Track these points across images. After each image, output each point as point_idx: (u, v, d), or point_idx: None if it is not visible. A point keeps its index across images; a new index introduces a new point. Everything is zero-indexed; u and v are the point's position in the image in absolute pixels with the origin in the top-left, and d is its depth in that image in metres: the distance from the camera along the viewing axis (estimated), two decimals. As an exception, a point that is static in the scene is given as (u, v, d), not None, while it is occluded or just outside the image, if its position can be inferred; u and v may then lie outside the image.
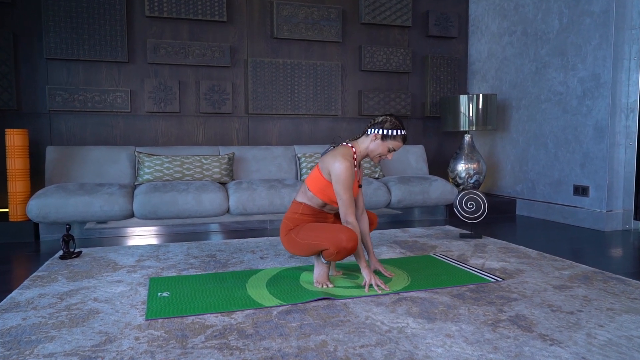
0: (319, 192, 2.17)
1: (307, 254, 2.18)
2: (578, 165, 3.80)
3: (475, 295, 2.07)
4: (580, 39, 3.74)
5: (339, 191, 2.09)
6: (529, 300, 1.99)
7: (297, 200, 2.24)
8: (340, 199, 2.09)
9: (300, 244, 2.14)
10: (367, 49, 4.68)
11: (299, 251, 2.18)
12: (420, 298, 2.03)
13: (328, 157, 2.13)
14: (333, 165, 2.09)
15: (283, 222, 2.25)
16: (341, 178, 2.07)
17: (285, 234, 2.22)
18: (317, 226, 2.13)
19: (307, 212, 2.21)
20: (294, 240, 2.17)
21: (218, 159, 3.86)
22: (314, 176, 2.20)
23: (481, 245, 3.06)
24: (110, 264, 2.62)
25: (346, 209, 2.09)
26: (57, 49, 3.87)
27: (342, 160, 2.08)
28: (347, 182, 2.08)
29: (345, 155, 2.12)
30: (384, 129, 2.16)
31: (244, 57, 4.39)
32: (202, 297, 2.03)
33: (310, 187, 2.20)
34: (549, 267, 2.51)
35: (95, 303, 1.98)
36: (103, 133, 4.08)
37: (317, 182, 2.17)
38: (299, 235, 2.15)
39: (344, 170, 2.07)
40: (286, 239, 2.21)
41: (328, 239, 2.04)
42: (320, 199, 2.19)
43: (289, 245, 2.21)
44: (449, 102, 4.49)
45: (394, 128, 2.16)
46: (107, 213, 3.26)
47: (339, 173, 2.07)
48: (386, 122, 2.17)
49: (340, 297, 2.03)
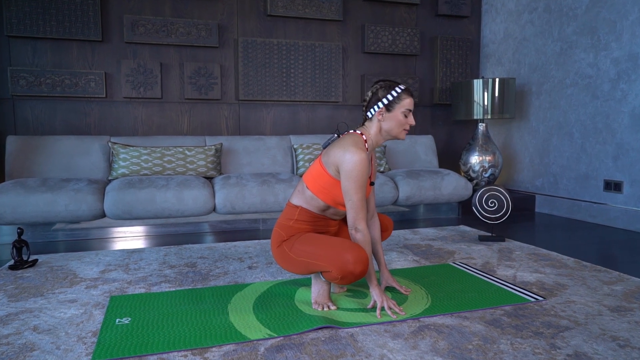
0: (321, 191, 1.74)
1: (303, 273, 1.75)
2: (610, 158, 3.37)
3: (515, 321, 1.65)
4: (615, 14, 3.29)
5: (349, 190, 1.66)
6: (585, 330, 1.57)
7: (292, 203, 1.81)
8: (350, 199, 1.66)
9: (294, 260, 1.72)
10: (370, 28, 4.22)
11: (293, 268, 1.75)
12: (447, 326, 1.61)
13: (335, 149, 1.70)
14: (343, 157, 1.65)
15: (275, 230, 1.82)
16: (353, 173, 1.64)
17: (277, 245, 1.79)
18: (316, 239, 1.70)
19: (304, 218, 1.78)
20: (286, 255, 1.74)
21: (204, 151, 3.41)
22: (314, 172, 1.76)
23: (506, 251, 2.64)
24: (68, 276, 2.19)
25: (356, 212, 1.66)
26: (19, 25, 3.40)
27: (354, 151, 1.65)
28: (361, 178, 1.65)
29: (357, 145, 1.68)
30: (382, 99, 1.73)
31: (233, 37, 3.93)
32: (171, 326, 1.60)
33: (309, 186, 1.76)
34: (595, 281, 2.09)
35: (33, 335, 1.55)
36: (75, 121, 3.62)
37: (319, 179, 1.74)
38: (294, 250, 1.72)
39: (357, 163, 1.63)
40: (278, 252, 1.79)
41: (330, 259, 1.60)
42: (322, 201, 1.75)
43: (281, 260, 1.78)
44: (462, 87, 4.04)
45: (390, 90, 1.73)
46: (73, 213, 2.82)
47: (351, 167, 1.64)
48: (378, 91, 1.75)
49: (345, 325, 1.60)
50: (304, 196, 1.78)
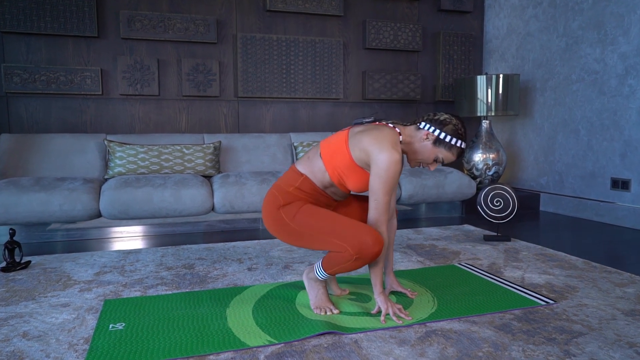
0: (334, 169, 1.64)
1: (299, 245, 1.66)
2: (617, 155, 3.30)
3: (525, 326, 1.58)
4: (622, 8, 3.22)
5: (377, 190, 1.55)
6: (600, 335, 1.50)
7: (297, 169, 1.71)
8: (376, 199, 1.56)
9: (293, 230, 1.63)
10: (372, 24, 4.14)
11: (289, 238, 1.66)
12: (455, 331, 1.54)
13: (371, 139, 1.57)
14: (378, 154, 1.54)
15: (271, 192, 1.71)
16: (386, 175, 1.53)
17: (274, 209, 1.67)
18: (326, 215, 1.60)
19: (305, 188, 1.68)
20: (283, 223, 1.64)
21: (202, 149, 3.34)
22: (334, 146, 1.65)
23: (513, 251, 2.57)
24: (61, 279, 2.12)
25: (380, 215, 1.57)
26: (13, 21, 3.32)
27: (391, 151, 1.53)
28: (392, 181, 1.55)
29: (395, 145, 1.57)
30: (443, 132, 1.61)
31: (232, 32, 3.85)
32: (166, 332, 1.53)
33: (324, 157, 1.65)
34: (606, 282, 2.02)
35: (23, 341, 1.48)
36: (70, 119, 3.55)
37: (338, 156, 1.62)
38: (296, 220, 1.62)
39: (392, 164, 1.53)
40: (273, 218, 1.67)
41: (346, 238, 1.53)
42: (329, 177, 1.66)
43: (275, 226, 1.68)
44: (465, 84, 3.97)
45: (455, 136, 1.62)
46: (68, 213, 2.74)
47: (384, 167, 1.53)
48: (449, 125, 1.62)
49: (349, 330, 1.53)
50: (311, 165, 1.68)
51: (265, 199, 1.73)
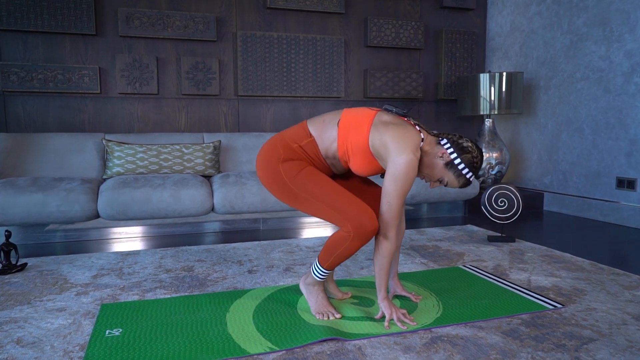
0: (344, 142, 1.57)
1: (295, 207, 1.61)
2: (623, 155, 3.25)
3: (534, 331, 1.53)
4: (628, 5, 3.16)
5: (392, 192, 1.49)
6: (610, 341, 1.46)
7: (308, 129, 1.63)
8: (389, 202, 1.50)
9: (292, 191, 1.57)
10: (373, 21, 4.09)
11: (284, 197, 1.60)
12: (461, 338, 1.50)
13: (395, 136, 1.50)
14: (398, 156, 1.48)
15: (272, 143, 1.63)
16: (403, 178, 1.48)
17: (273, 162, 1.59)
18: (329, 184, 1.55)
19: (308, 150, 1.62)
20: (282, 182, 1.58)
21: (202, 148, 3.29)
22: (356, 122, 1.57)
23: (518, 252, 2.53)
24: (58, 282, 2.08)
25: (391, 218, 1.51)
26: (10, 18, 3.27)
27: (411, 155, 1.48)
28: (407, 185, 1.50)
29: (416, 150, 1.51)
30: (459, 158, 1.54)
31: (232, 30, 3.80)
32: (164, 338, 1.49)
33: (341, 127, 1.58)
34: (614, 285, 1.98)
35: (17, 348, 1.44)
36: (68, 118, 3.50)
37: (355, 133, 1.55)
38: (296, 181, 1.56)
39: (410, 169, 1.47)
40: (271, 172, 1.60)
41: (347, 212, 1.50)
42: (336, 148, 1.60)
43: (271, 181, 1.61)
44: (467, 82, 3.92)
45: (469, 167, 1.55)
46: (65, 214, 2.70)
47: (402, 170, 1.47)
48: (468, 154, 1.55)
49: (352, 336, 1.49)
50: (323, 130, 1.61)
51: (264, 148, 1.64)
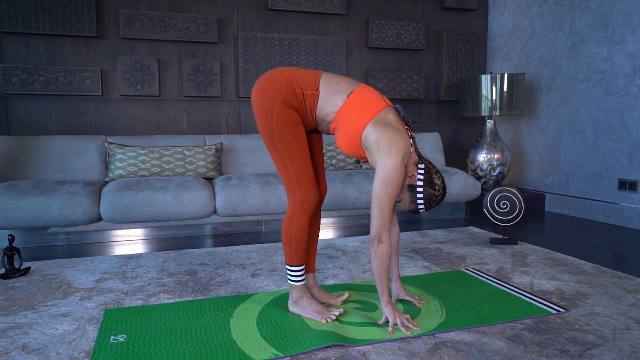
0: (341, 116, 1.57)
1: (268, 151, 1.67)
2: (625, 156, 3.25)
3: (538, 337, 1.54)
4: (631, 6, 3.16)
5: (382, 195, 1.50)
6: (614, 347, 1.46)
7: (318, 83, 1.60)
8: (380, 206, 1.50)
9: (273, 138, 1.59)
10: (374, 22, 4.09)
11: (265, 137, 1.61)
12: (465, 343, 1.50)
13: (390, 138, 1.50)
14: (387, 158, 1.49)
15: (280, 73, 1.61)
16: (391, 182, 1.49)
17: (273, 97, 1.57)
18: (306, 156, 1.61)
19: (308, 102, 1.60)
20: (270, 123, 1.58)
21: (204, 150, 3.30)
22: (362, 106, 1.55)
23: (520, 255, 2.53)
24: (61, 286, 2.08)
25: (384, 222, 1.52)
26: (11, 21, 3.27)
27: (399, 161, 1.49)
28: (397, 188, 1.51)
29: (404, 157, 1.52)
30: (423, 188, 1.58)
31: (233, 32, 3.80)
32: (169, 345, 1.49)
33: (347, 102, 1.56)
34: (617, 289, 1.98)
35: (22, 355, 1.44)
36: (70, 120, 3.50)
37: (355, 116, 1.55)
38: (283, 134, 1.58)
39: (398, 173, 1.49)
40: (266, 106, 1.58)
41: (301, 183, 1.61)
42: (331, 119, 1.60)
43: (262, 114, 1.60)
44: (469, 83, 3.92)
45: (425, 201, 1.59)
46: (68, 217, 2.70)
47: (390, 174, 1.49)
48: (432, 192, 1.58)
49: (356, 342, 1.49)
50: (333, 93, 1.59)
51: (273, 72, 1.62)
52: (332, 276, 2.20)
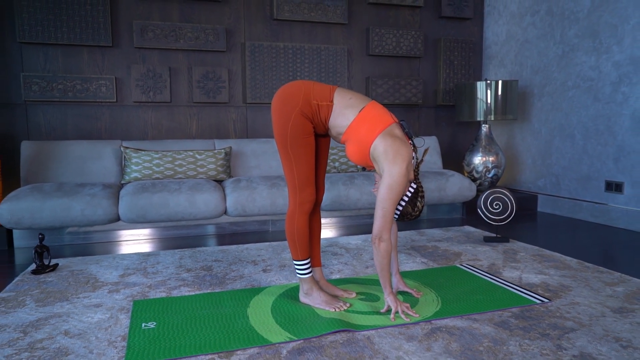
0: (352, 132, 1.75)
1: (278, 151, 1.82)
2: (611, 159, 3.45)
3: (522, 323, 1.73)
4: (616, 18, 3.36)
5: (387, 199, 1.69)
6: (589, 331, 1.66)
7: (333, 95, 1.79)
8: (384, 207, 1.70)
9: (286, 142, 1.77)
10: (375, 31, 4.28)
11: (278, 139, 1.79)
12: (458, 328, 1.69)
13: (395, 150, 1.69)
14: (394, 167, 1.68)
15: (299, 86, 1.79)
16: (396, 187, 1.68)
17: (292, 106, 1.75)
18: (311, 162, 1.80)
19: (322, 113, 1.78)
20: (284, 130, 1.76)
21: (214, 154, 3.49)
22: (372, 121, 1.74)
23: (511, 252, 2.72)
24: (89, 280, 2.27)
25: (385, 222, 1.71)
26: (32, 32, 3.46)
27: (404, 169, 1.68)
28: (399, 193, 1.70)
29: (408, 165, 1.71)
30: (405, 203, 1.80)
31: (241, 41, 3.99)
32: (195, 330, 1.68)
33: (357, 119, 1.74)
34: (597, 282, 2.18)
35: (66, 339, 1.63)
36: (86, 126, 3.69)
37: (366, 131, 1.73)
38: (295, 142, 1.76)
39: (402, 179, 1.68)
40: (285, 109, 1.76)
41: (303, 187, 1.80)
42: (342, 131, 1.78)
43: (279, 117, 1.78)
44: (465, 89, 4.11)
45: (402, 213, 1.82)
46: (89, 218, 2.89)
47: (396, 180, 1.67)
48: (411, 208, 1.81)
49: (361, 327, 1.68)
50: (345, 108, 1.77)
51: (293, 84, 1.80)
52: (337, 271, 2.39)
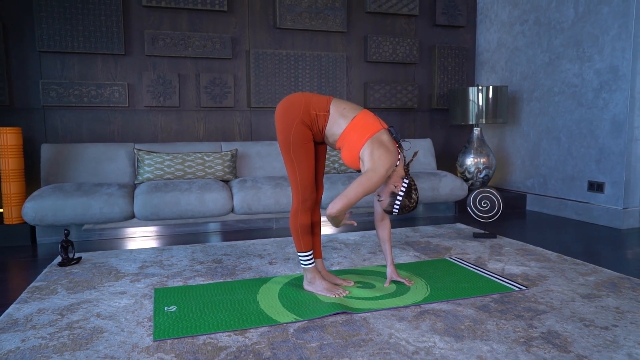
0: (345, 138, 1.95)
1: (282, 155, 2.02)
2: (593, 161, 3.68)
3: (501, 307, 1.96)
4: (598, 29, 3.59)
5: (355, 189, 1.85)
6: (559, 313, 1.89)
7: (329, 106, 1.99)
8: (347, 195, 1.85)
9: (288, 147, 1.97)
10: (372, 39, 4.51)
11: (282, 145, 1.99)
12: (444, 311, 1.92)
13: (382, 156, 1.88)
14: (372, 170, 1.87)
15: (299, 98, 1.99)
16: (365, 184, 1.84)
17: (293, 117, 1.95)
18: (311, 164, 2.00)
19: (320, 122, 1.99)
20: (287, 137, 1.96)
21: (221, 156, 3.71)
22: (362, 129, 1.92)
23: (497, 247, 2.95)
24: (112, 272, 2.49)
25: (341, 202, 1.85)
26: (50, 41, 3.69)
27: (382, 174, 1.87)
28: (365, 191, 1.86)
29: (388, 170, 1.90)
30: (401, 197, 1.97)
31: (245, 49, 4.22)
32: (212, 312, 1.91)
33: (350, 126, 1.94)
34: (572, 273, 2.41)
35: (99, 320, 1.86)
36: (100, 129, 3.92)
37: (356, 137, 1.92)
38: (297, 147, 1.96)
39: (375, 181, 1.86)
40: (287, 120, 1.96)
41: (304, 187, 2.00)
42: (336, 138, 1.99)
43: (282, 126, 1.98)
44: (458, 94, 4.34)
45: (400, 207, 1.98)
46: (107, 215, 3.12)
47: (370, 179, 1.85)
48: (408, 201, 1.98)
49: (358, 310, 1.91)
50: (339, 116, 1.97)
51: (294, 97, 2.00)
52: (337, 263, 2.62)
